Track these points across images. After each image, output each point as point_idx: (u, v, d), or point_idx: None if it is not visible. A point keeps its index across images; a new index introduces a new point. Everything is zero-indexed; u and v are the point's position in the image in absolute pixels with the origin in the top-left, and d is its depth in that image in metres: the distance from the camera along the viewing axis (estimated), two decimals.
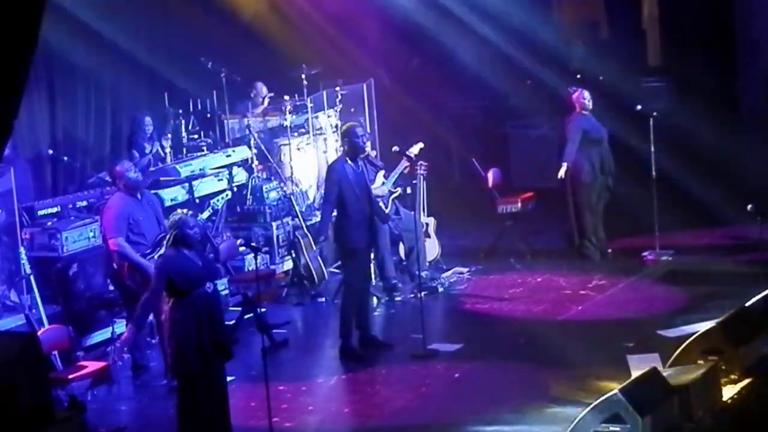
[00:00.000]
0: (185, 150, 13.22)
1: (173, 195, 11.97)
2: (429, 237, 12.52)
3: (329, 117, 14.10)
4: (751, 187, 12.37)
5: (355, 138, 10.29)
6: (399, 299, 11.92)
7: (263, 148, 13.40)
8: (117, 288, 10.22)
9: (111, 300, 10.55)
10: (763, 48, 14.95)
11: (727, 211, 12.37)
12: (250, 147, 13.33)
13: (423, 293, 10.98)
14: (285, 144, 13.55)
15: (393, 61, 15.55)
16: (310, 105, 13.80)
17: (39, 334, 8.83)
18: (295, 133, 13.78)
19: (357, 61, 14.83)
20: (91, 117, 13.16)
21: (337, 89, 14.15)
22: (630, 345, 9.78)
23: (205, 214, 10.50)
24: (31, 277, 10.27)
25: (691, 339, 8.30)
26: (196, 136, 13.62)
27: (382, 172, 12.07)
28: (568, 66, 15.22)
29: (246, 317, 10.92)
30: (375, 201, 10.68)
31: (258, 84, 14.21)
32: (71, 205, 11.50)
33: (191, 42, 13.65)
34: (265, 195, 13.03)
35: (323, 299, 12.11)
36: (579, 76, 14.62)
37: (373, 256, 11.49)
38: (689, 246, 12.69)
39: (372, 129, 14.50)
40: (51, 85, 12.57)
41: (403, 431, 8.69)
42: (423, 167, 12.12)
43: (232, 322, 10.48)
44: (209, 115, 13.80)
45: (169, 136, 13.26)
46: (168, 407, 8.46)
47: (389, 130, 14.43)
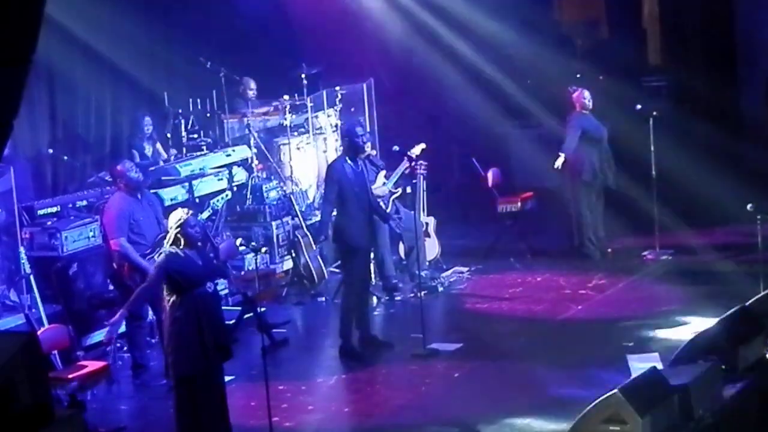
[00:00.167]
0: (185, 150, 13.21)
1: (173, 194, 11.96)
2: (429, 236, 12.51)
3: (329, 117, 14.09)
4: (751, 187, 12.35)
5: (355, 137, 10.29)
6: (399, 299, 11.92)
7: (263, 147, 13.39)
8: (117, 288, 10.23)
9: (111, 300, 10.54)
10: (763, 48, 14.95)
11: (727, 211, 12.36)
12: (249, 146, 13.32)
13: (423, 293, 10.98)
14: (285, 143, 13.54)
15: (393, 61, 15.53)
16: (309, 104, 13.79)
17: (39, 333, 8.81)
18: (295, 133, 13.76)
19: (357, 62, 14.82)
20: (91, 116, 13.16)
21: (337, 89, 14.14)
22: (630, 345, 9.79)
23: (205, 213, 10.50)
24: (31, 277, 10.27)
25: (691, 339, 8.29)
26: (195, 135, 13.61)
27: (383, 172, 12.08)
28: (568, 65, 15.21)
29: (246, 317, 10.92)
30: (375, 200, 10.68)
31: (245, 78, 14.12)
32: (71, 205, 11.49)
33: (191, 42, 13.64)
34: (265, 194, 13.02)
35: (323, 299, 12.12)
36: (579, 75, 14.60)
37: (373, 255, 11.49)
38: (689, 246, 12.67)
39: (372, 129, 14.48)
40: (51, 85, 12.55)
41: (403, 430, 8.68)
42: (423, 167, 12.13)
43: (232, 321, 10.49)
44: (209, 115, 13.79)
45: (169, 135, 13.26)
46: (168, 407, 8.45)
47: (389, 130, 14.42)
